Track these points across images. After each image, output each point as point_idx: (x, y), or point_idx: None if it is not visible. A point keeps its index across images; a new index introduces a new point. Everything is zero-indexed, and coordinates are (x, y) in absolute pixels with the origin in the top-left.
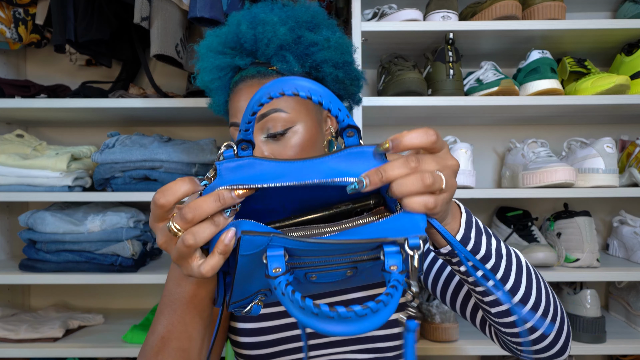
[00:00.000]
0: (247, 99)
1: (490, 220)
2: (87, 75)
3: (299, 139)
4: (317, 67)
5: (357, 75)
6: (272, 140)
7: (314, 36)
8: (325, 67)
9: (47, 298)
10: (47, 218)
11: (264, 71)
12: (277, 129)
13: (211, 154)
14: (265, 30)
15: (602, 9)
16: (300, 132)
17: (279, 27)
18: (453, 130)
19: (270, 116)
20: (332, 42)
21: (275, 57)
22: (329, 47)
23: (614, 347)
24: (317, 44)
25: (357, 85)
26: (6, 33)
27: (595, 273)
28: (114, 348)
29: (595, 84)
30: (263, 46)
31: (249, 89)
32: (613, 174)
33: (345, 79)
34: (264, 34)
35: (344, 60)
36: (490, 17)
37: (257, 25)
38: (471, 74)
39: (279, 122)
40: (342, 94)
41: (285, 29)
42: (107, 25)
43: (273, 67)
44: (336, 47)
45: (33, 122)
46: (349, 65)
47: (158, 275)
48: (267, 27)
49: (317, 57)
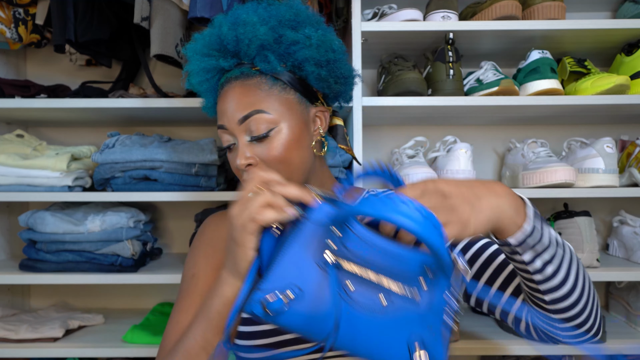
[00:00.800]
0: (232, 101)
1: None
2: (87, 75)
3: (282, 139)
4: (299, 65)
5: (344, 72)
6: (256, 143)
7: (296, 34)
8: (307, 65)
9: (47, 298)
10: (47, 218)
11: (247, 72)
12: (261, 130)
13: (211, 154)
14: (246, 30)
15: (602, 9)
16: (284, 132)
17: (259, 27)
18: (453, 130)
19: (253, 117)
20: (313, 40)
21: (258, 57)
22: (311, 45)
23: (614, 347)
24: (299, 42)
25: (345, 84)
26: (6, 33)
27: (595, 273)
28: (114, 348)
29: (595, 84)
30: (245, 47)
31: (233, 91)
32: (613, 174)
33: (328, 77)
34: (245, 35)
35: (327, 58)
36: (490, 17)
37: (238, 26)
38: (471, 74)
39: (262, 123)
40: (327, 93)
41: (265, 28)
42: (107, 25)
43: (256, 67)
44: (318, 44)
45: (33, 122)
46: (333, 63)
47: (158, 275)
48: (248, 27)
49: (298, 55)
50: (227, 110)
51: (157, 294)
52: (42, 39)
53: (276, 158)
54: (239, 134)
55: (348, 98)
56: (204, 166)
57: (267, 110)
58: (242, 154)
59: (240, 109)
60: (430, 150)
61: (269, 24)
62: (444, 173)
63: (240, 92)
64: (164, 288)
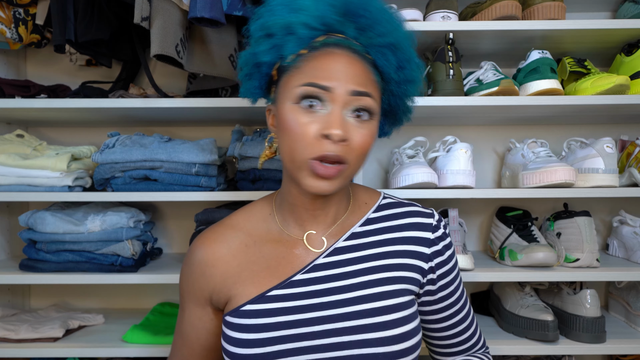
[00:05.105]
0: (349, 69)
1: (490, 220)
2: (87, 75)
3: (373, 131)
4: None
5: (408, 108)
6: (351, 121)
7: (415, 58)
8: (396, 87)
9: (47, 298)
10: (47, 218)
11: (360, 51)
12: (364, 115)
13: (211, 154)
14: (389, 19)
15: (602, 9)
16: (374, 127)
17: (401, 28)
18: (453, 130)
19: (365, 98)
20: (417, 73)
21: (379, 50)
22: (413, 80)
23: (614, 347)
24: (410, 65)
25: (400, 116)
26: (6, 33)
27: (595, 273)
28: (114, 348)
29: (595, 84)
30: (373, 33)
31: (347, 59)
32: (613, 174)
33: (398, 109)
34: (384, 25)
35: (411, 94)
36: (490, 17)
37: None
38: (471, 74)
39: (368, 108)
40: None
41: (405, 34)
42: (107, 25)
43: (370, 56)
44: (417, 80)
45: (33, 122)
46: (409, 100)
47: (158, 275)
48: (393, 19)
49: (404, 74)
50: (338, 74)
51: (157, 294)
52: (42, 39)
53: (360, 146)
54: (342, 104)
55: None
56: (204, 166)
57: (375, 100)
58: (341, 124)
59: (356, 83)
60: (430, 150)
61: (408, 37)
62: (444, 173)
63: (357, 65)
64: (164, 288)
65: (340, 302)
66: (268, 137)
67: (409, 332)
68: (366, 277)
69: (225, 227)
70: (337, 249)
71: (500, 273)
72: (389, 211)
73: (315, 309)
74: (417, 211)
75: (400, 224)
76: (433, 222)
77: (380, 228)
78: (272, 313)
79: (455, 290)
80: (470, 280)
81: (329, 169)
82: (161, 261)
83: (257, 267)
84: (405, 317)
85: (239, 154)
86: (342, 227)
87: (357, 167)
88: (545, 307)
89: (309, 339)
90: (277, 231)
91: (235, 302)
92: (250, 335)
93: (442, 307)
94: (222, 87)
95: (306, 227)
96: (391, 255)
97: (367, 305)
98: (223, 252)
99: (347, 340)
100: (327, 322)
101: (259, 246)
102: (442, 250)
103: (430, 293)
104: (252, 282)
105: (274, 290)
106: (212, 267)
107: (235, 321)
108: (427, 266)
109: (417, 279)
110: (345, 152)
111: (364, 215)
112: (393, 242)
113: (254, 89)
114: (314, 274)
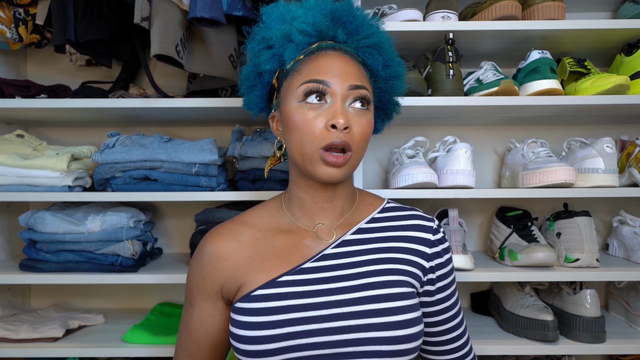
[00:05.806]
0: (345, 66)
1: (490, 220)
2: (87, 75)
3: (370, 121)
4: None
5: (396, 104)
6: (351, 112)
7: (399, 64)
8: (383, 84)
9: (47, 298)
10: (47, 218)
11: (352, 52)
12: (363, 104)
13: (211, 154)
14: (367, 24)
15: (602, 9)
16: (371, 117)
17: (382, 33)
18: (453, 130)
19: (362, 91)
20: (402, 72)
21: (366, 51)
22: (398, 75)
23: (614, 347)
24: (393, 66)
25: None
26: (6, 33)
27: (595, 273)
28: (114, 348)
29: (595, 84)
30: (359, 36)
31: (341, 59)
32: (613, 174)
33: (388, 104)
34: (365, 28)
35: (399, 92)
36: (490, 17)
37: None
38: (471, 74)
39: (365, 99)
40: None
41: (385, 38)
42: (107, 25)
43: (359, 56)
44: (400, 76)
45: (33, 122)
46: (395, 98)
47: (158, 275)
48: (371, 24)
49: (390, 71)
50: (335, 71)
51: (157, 294)
52: (43, 39)
53: (361, 134)
54: (342, 97)
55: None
56: (204, 166)
57: (369, 92)
58: (343, 114)
59: (352, 78)
60: (430, 150)
61: (388, 38)
62: (444, 173)
63: (351, 64)
64: (164, 288)
65: (347, 288)
66: (275, 141)
67: (412, 319)
68: (372, 267)
69: (236, 224)
70: (344, 241)
71: (500, 273)
72: (393, 213)
73: (324, 294)
74: (419, 215)
75: (403, 225)
76: (434, 225)
77: (384, 226)
78: (282, 297)
79: (452, 295)
80: (470, 280)
81: (339, 157)
82: (161, 261)
83: (267, 256)
84: (408, 306)
85: (239, 154)
86: (349, 222)
87: (360, 155)
88: (545, 307)
89: (317, 322)
90: (287, 224)
91: (245, 289)
92: (260, 318)
93: (439, 310)
94: (222, 87)
95: (315, 220)
96: (395, 251)
97: (373, 291)
98: (234, 246)
99: (353, 324)
100: (335, 306)
101: (269, 238)
102: (441, 252)
103: (429, 294)
104: (263, 269)
105: (285, 276)
106: (223, 260)
107: (245, 306)
108: (427, 265)
109: (419, 275)
110: (349, 140)
111: (370, 214)
112: (396, 239)
113: (256, 98)
114: (323, 262)
